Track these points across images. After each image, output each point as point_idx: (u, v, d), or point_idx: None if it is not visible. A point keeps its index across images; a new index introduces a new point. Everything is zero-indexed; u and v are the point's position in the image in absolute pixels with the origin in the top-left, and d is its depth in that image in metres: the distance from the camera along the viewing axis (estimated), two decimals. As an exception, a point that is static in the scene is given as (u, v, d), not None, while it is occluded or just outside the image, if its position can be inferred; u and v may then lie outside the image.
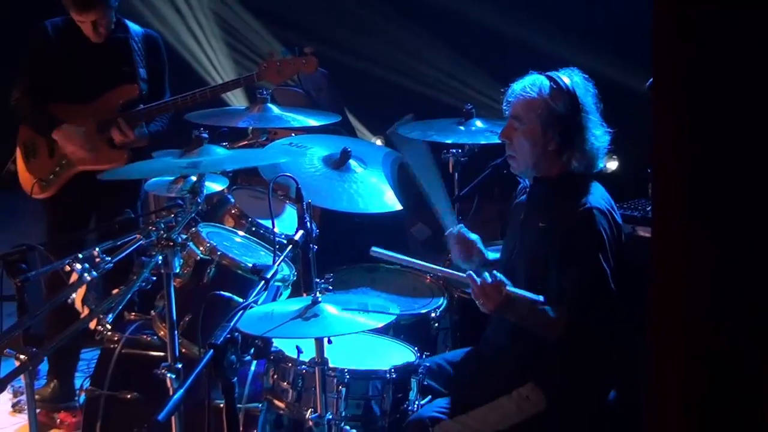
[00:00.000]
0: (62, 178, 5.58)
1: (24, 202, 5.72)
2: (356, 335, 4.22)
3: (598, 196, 3.86)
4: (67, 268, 3.49)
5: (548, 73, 3.92)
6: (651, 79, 2.37)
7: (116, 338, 4.51)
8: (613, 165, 6.43)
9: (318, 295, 3.52)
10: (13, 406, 5.69)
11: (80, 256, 3.46)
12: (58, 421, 5.54)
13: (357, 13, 8.58)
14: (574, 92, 3.85)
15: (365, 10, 8.52)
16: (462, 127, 5.23)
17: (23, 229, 8.28)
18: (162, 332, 4.30)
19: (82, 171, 5.55)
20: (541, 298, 3.76)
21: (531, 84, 3.90)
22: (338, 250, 4.93)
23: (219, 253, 4.28)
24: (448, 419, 3.79)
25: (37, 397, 5.31)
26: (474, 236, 4.21)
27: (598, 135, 3.89)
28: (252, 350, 3.68)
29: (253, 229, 4.89)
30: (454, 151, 5.23)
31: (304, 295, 3.65)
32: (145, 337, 4.54)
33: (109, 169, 5.34)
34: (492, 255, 4.25)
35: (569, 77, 3.90)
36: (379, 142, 7.59)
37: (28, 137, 5.65)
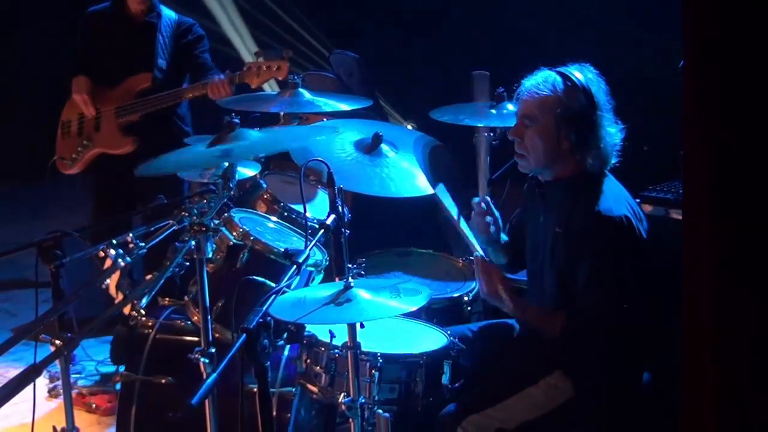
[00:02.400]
0: (85, 158, 5.92)
1: (61, 190, 5.89)
2: (389, 319, 4.23)
3: (613, 197, 3.80)
4: (101, 253, 3.51)
5: (559, 70, 3.86)
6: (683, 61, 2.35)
7: (150, 324, 4.54)
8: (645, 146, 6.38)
9: (350, 280, 3.52)
10: (49, 391, 5.76)
11: (114, 241, 3.48)
12: (94, 405, 5.60)
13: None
14: (589, 89, 3.79)
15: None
16: (494, 111, 5.20)
17: (60, 216, 8.39)
18: (195, 317, 4.32)
19: (102, 153, 5.90)
20: None
21: (543, 81, 3.84)
22: (370, 235, 4.92)
23: (252, 238, 4.29)
24: (476, 413, 3.79)
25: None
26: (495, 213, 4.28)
27: (612, 132, 3.83)
28: (285, 335, 3.70)
29: (286, 214, 4.91)
30: (486, 134, 5.20)
31: (337, 279, 3.66)
32: (178, 322, 4.57)
33: (117, 153, 5.83)
34: (504, 238, 4.36)
35: (582, 73, 3.84)
36: (410, 127, 7.57)
37: (66, 116, 6.02)
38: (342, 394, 3.68)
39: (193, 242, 3.57)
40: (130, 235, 3.55)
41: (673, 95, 2.38)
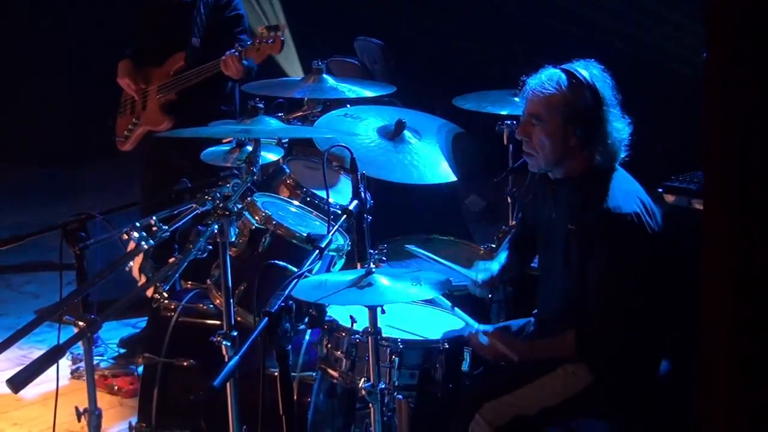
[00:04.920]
0: (134, 135, 6.14)
1: (86, 174, 6.00)
2: (410, 305, 4.25)
3: (623, 192, 3.78)
4: (125, 236, 3.54)
5: (564, 67, 3.84)
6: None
7: (173, 307, 4.57)
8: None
9: (372, 265, 3.54)
10: (72, 372, 5.80)
11: (137, 224, 3.50)
12: (116, 387, 5.64)
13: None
14: (594, 85, 3.77)
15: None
16: (516, 99, 5.18)
17: (86, 200, 8.44)
18: (218, 300, 4.35)
19: (149, 131, 6.07)
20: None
21: (548, 79, 3.81)
22: (392, 221, 4.93)
23: (274, 222, 4.31)
24: (494, 399, 3.79)
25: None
26: (485, 270, 4.28)
27: (620, 128, 3.80)
28: (306, 319, 3.72)
29: (308, 199, 4.92)
30: (509, 122, 5.19)
31: (358, 266, 3.67)
32: (201, 305, 4.59)
33: (157, 131, 5.95)
34: (499, 262, 4.36)
35: (587, 70, 3.82)
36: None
37: (124, 96, 6.25)
38: (362, 380, 3.69)
39: (216, 226, 3.59)
40: (154, 218, 3.57)
41: (699, 82, 2.36)
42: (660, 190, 4.92)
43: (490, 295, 4.62)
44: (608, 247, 3.71)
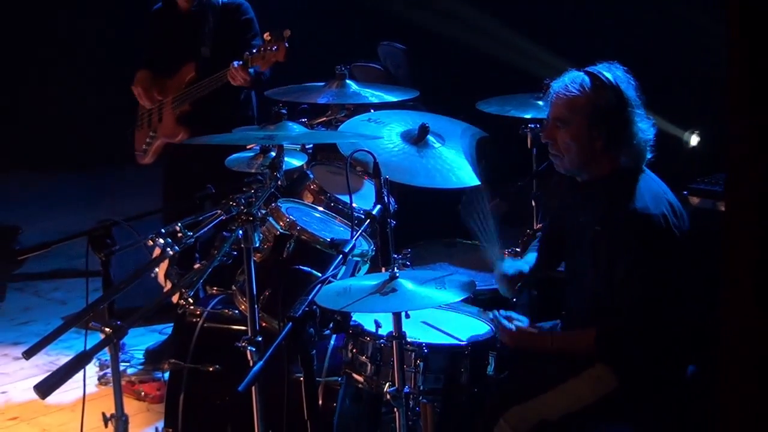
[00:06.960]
0: (153, 148, 6.17)
1: (112, 180, 6.04)
2: (435, 310, 4.24)
3: (650, 194, 3.77)
4: (150, 242, 3.56)
5: (588, 69, 3.84)
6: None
7: (198, 312, 4.59)
8: (694, 140, 6.35)
9: (396, 270, 3.53)
10: (99, 378, 5.83)
11: (162, 231, 3.52)
12: (143, 393, 5.66)
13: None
14: (618, 87, 3.77)
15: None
16: (540, 102, 5.18)
17: (111, 207, 8.48)
18: (243, 306, 4.35)
19: (167, 143, 6.12)
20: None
21: (571, 82, 3.81)
22: (416, 225, 4.93)
23: (298, 227, 4.32)
24: (519, 404, 3.79)
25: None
26: (515, 267, 4.27)
27: (645, 128, 3.80)
28: (331, 324, 3.73)
29: (332, 204, 4.93)
30: (533, 126, 5.19)
31: (383, 270, 3.67)
32: (226, 311, 4.60)
33: (174, 143, 6.03)
34: (528, 263, 4.35)
35: (610, 71, 3.82)
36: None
37: (141, 109, 6.28)
38: (387, 384, 3.69)
39: (241, 232, 3.60)
40: (179, 224, 3.59)
41: (724, 85, 2.35)
42: (685, 192, 4.91)
43: (514, 300, 4.61)
44: (635, 249, 3.70)
